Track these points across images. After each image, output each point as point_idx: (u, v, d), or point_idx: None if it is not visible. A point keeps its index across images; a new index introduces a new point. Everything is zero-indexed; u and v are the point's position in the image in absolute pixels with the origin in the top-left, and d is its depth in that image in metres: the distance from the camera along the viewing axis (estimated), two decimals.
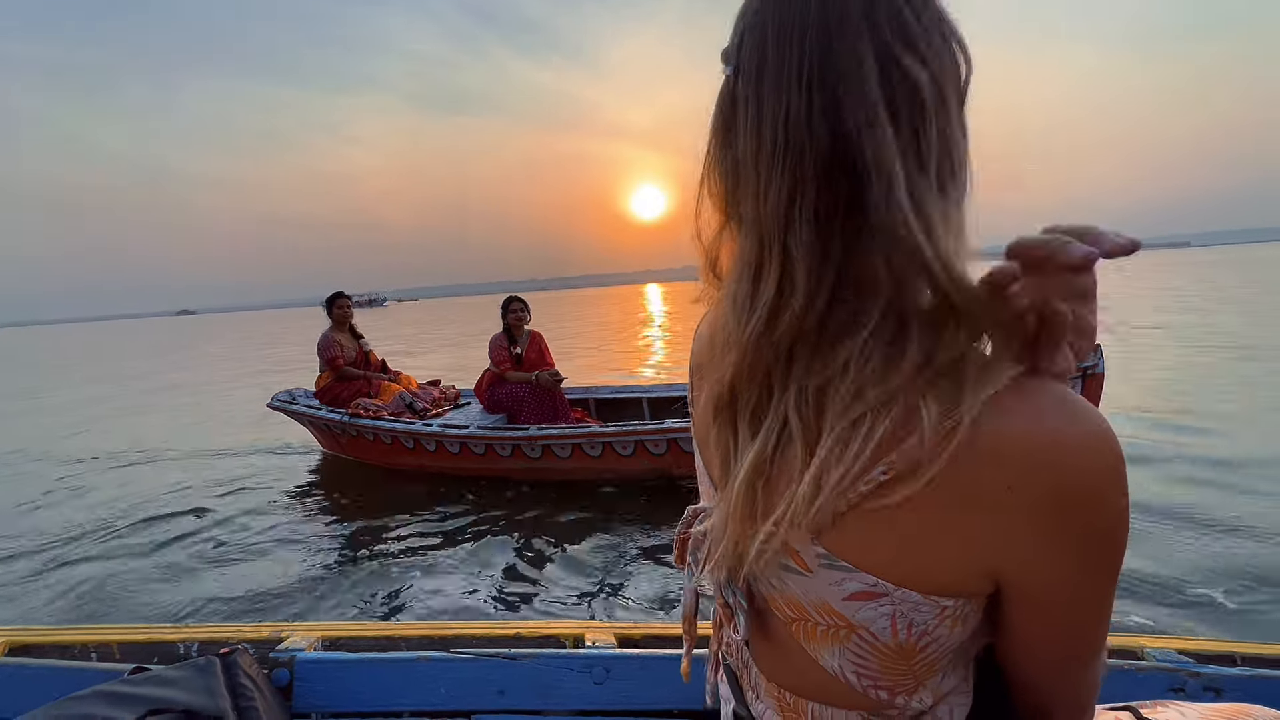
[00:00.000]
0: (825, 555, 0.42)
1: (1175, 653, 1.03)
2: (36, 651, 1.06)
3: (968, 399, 0.37)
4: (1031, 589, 0.40)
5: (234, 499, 4.65)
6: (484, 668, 1.02)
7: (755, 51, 0.40)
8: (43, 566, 3.62)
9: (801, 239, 0.38)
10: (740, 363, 0.42)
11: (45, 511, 4.70)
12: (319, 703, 1.00)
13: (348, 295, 5.10)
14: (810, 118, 0.37)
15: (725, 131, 0.43)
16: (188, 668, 0.93)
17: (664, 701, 1.00)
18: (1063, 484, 0.36)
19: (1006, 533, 0.37)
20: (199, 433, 7.31)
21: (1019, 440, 0.36)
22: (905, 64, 0.36)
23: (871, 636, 0.43)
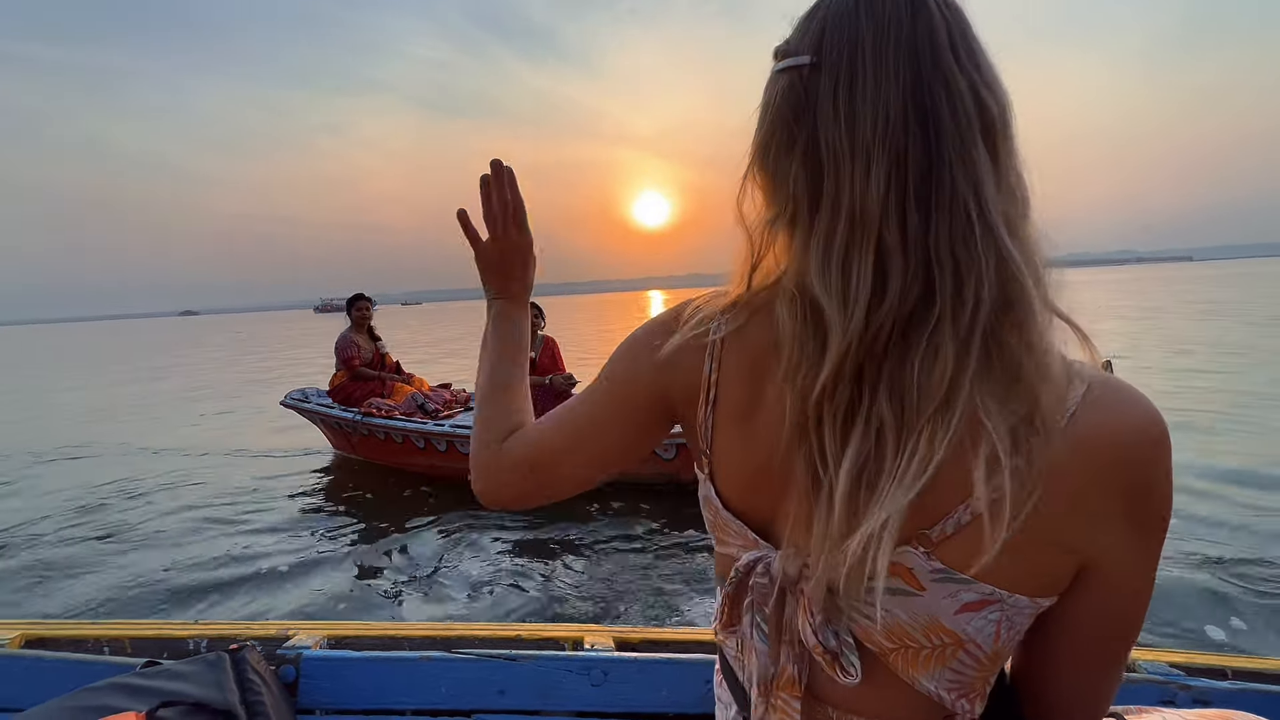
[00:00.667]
0: (942, 570, 0.42)
1: (1167, 665, 1.04)
2: (51, 644, 1.09)
3: (1069, 396, 0.40)
4: (1106, 574, 0.42)
5: (245, 497, 4.72)
6: (485, 668, 1.04)
7: (847, 48, 0.41)
8: (53, 559, 3.67)
9: (895, 231, 0.40)
10: (841, 359, 0.40)
11: (57, 504, 4.76)
12: (323, 700, 1.02)
13: (368, 297, 5.20)
14: (908, 122, 0.40)
15: (795, 121, 0.43)
16: (198, 663, 0.95)
17: (661, 705, 1.02)
18: (1145, 472, 0.39)
19: (1104, 519, 0.40)
20: (211, 431, 7.39)
21: (1113, 432, 0.39)
22: (983, 94, 0.40)
23: (977, 648, 0.43)
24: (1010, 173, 0.41)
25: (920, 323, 0.40)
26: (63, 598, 3.21)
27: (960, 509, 0.40)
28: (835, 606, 0.45)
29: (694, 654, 1.05)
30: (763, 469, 0.47)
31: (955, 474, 0.39)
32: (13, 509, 4.76)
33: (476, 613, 2.89)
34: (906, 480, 0.39)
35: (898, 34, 0.40)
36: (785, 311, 0.44)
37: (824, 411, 0.42)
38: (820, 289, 0.41)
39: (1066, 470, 0.39)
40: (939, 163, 0.39)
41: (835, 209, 0.41)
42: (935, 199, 0.39)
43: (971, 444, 0.39)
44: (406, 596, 3.07)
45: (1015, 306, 0.39)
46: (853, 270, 0.40)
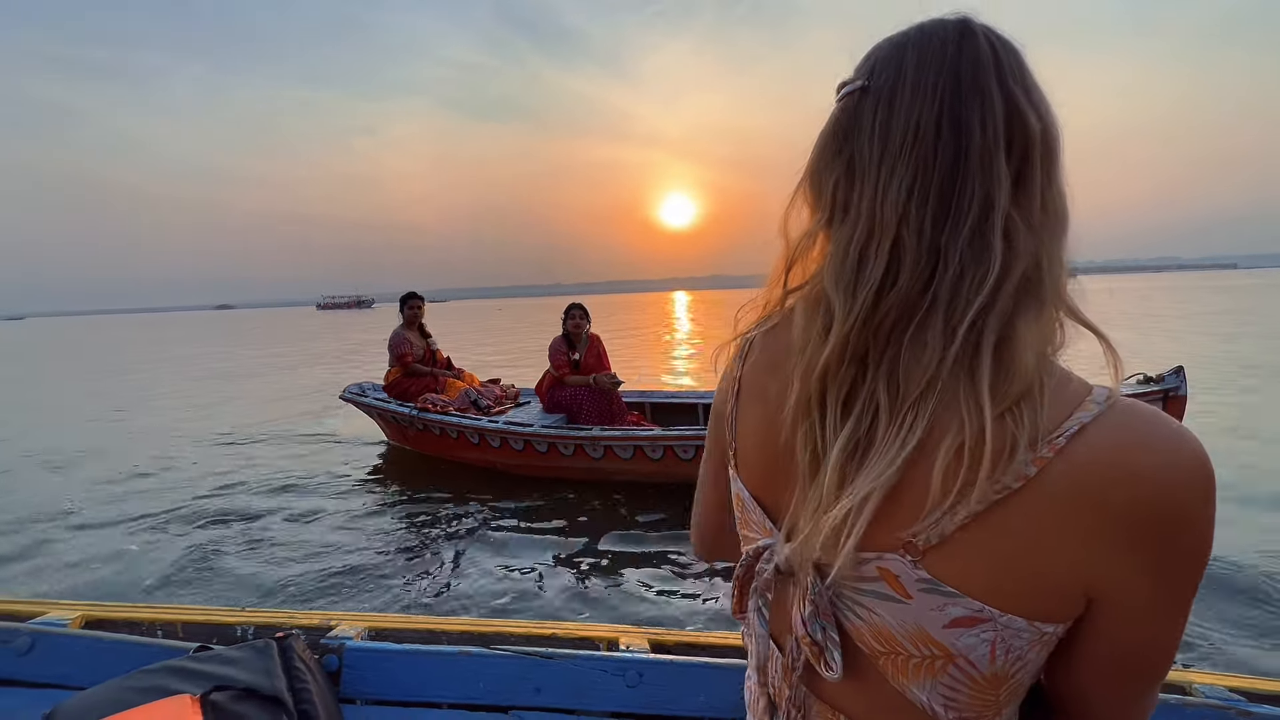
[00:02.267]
0: (928, 580, 0.41)
1: (1226, 690, 1.00)
2: (109, 626, 1.13)
3: (1075, 415, 0.39)
4: (1120, 609, 0.40)
5: (301, 485, 4.88)
6: (522, 665, 1.05)
7: (892, 71, 0.45)
8: (117, 542, 3.84)
9: (913, 230, 0.43)
10: (843, 340, 0.43)
11: (112, 490, 4.97)
12: (365, 689, 1.04)
13: (419, 295, 5.37)
14: (939, 130, 0.43)
15: (843, 139, 0.47)
16: (247, 649, 0.98)
17: (696, 709, 1.02)
18: (1166, 502, 0.37)
19: (1110, 551, 0.38)
20: (269, 420, 7.65)
21: (1125, 458, 0.37)
22: (1024, 109, 0.42)
23: (969, 665, 0.42)
24: (1043, 189, 0.42)
25: (917, 310, 0.42)
26: (120, 578, 3.36)
27: (941, 514, 0.40)
28: (827, 601, 0.46)
29: (731, 659, 1.04)
30: (774, 458, 0.50)
31: (930, 462, 0.40)
32: (73, 487, 5.01)
33: (522, 601, 2.93)
34: (888, 455, 0.41)
35: (940, 59, 0.43)
36: (800, 305, 0.49)
37: (827, 389, 0.44)
38: (830, 281, 0.45)
39: (1064, 492, 0.38)
40: (964, 172, 0.42)
41: (858, 213, 0.45)
42: (955, 204, 0.42)
43: (943, 436, 0.40)
44: (451, 586, 3.13)
45: (1019, 310, 0.40)
46: (867, 265, 0.44)
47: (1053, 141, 0.43)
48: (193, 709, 0.83)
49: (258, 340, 26.75)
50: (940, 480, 0.39)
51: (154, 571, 3.41)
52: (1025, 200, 0.42)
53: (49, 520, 4.23)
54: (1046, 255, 0.41)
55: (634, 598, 2.96)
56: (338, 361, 14.89)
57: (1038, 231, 0.42)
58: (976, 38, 0.43)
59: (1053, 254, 0.42)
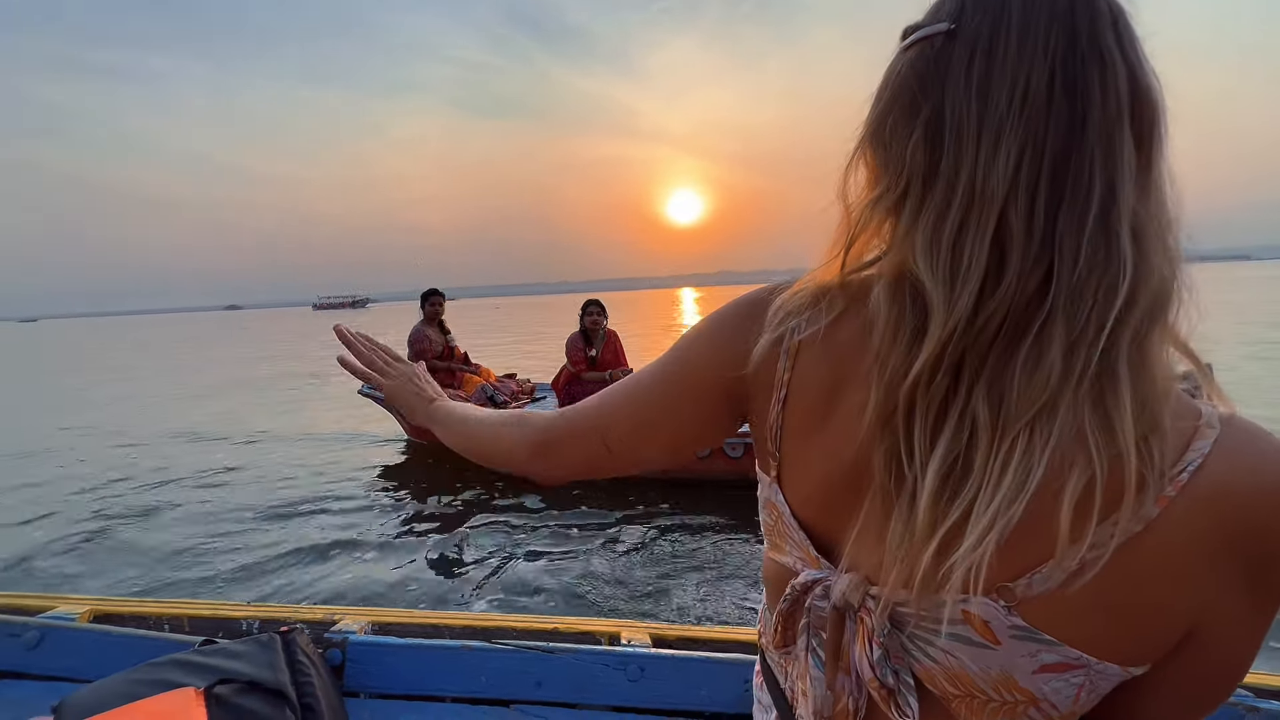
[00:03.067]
0: (1023, 628, 0.37)
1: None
2: (117, 620, 1.15)
3: (1196, 443, 0.35)
4: (1212, 640, 0.37)
5: (318, 482, 4.92)
6: (523, 660, 1.05)
7: (991, 14, 0.37)
8: (131, 537, 3.89)
9: (1021, 210, 0.35)
10: (944, 343, 0.36)
11: (130, 485, 5.04)
12: (368, 683, 1.05)
13: (440, 292, 5.42)
14: (1052, 94, 0.35)
15: (921, 91, 0.39)
16: (251, 643, 0.99)
17: (698, 703, 1.02)
18: (1275, 528, 0.34)
19: (1218, 588, 0.35)
20: (286, 416, 7.72)
21: (1246, 493, 0.34)
22: (1147, 80, 0.36)
23: (1051, 708, 0.39)
24: (1160, 178, 0.37)
25: (1032, 317, 0.36)
26: (130, 572, 3.41)
27: (1051, 564, 0.35)
28: (897, 642, 0.42)
29: (732, 654, 1.04)
30: (834, 479, 0.44)
31: (1049, 519, 0.34)
32: (87, 484, 5.07)
33: (516, 603, 2.94)
34: (1002, 491, 0.35)
35: (1051, 4, 0.36)
36: (883, 295, 0.40)
37: (916, 402, 0.38)
38: (925, 268, 0.37)
39: (1185, 534, 0.34)
40: (1080, 148, 0.35)
41: (952, 185, 0.37)
42: (1071, 185, 0.35)
43: (1069, 472, 0.34)
44: (450, 583, 3.14)
45: (1150, 322, 0.35)
46: (965, 249, 0.36)
47: (1165, 121, 0.37)
48: (197, 701, 0.84)
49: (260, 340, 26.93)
50: (1069, 524, 0.34)
51: (164, 564, 3.46)
52: (1152, 191, 0.36)
53: (71, 517, 4.29)
54: (1170, 258, 0.36)
55: (640, 593, 2.97)
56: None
57: (1161, 229, 0.36)
58: None
59: (1175, 256, 0.36)
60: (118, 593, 3.15)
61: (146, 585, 3.25)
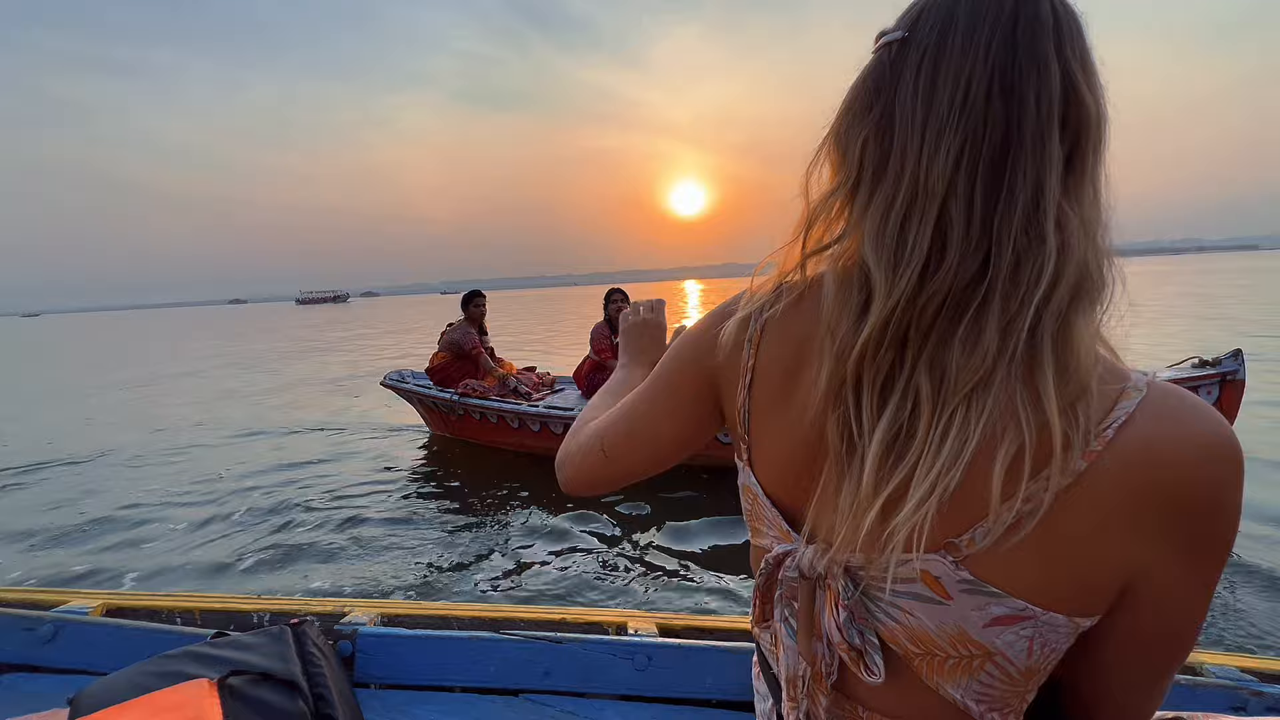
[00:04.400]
0: (971, 581, 0.40)
1: (1237, 670, 0.99)
2: (129, 614, 1.16)
3: (1120, 403, 0.38)
4: (1152, 595, 0.40)
5: (337, 475, 4.93)
6: (531, 650, 1.06)
7: (939, 23, 0.40)
8: (148, 531, 3.92)
9: (961, 202, 0.39)
10: (885, 320, 0.40)
11: (150, 474, 5.10)
12: (378, 674, 1.06)
13: (483, 294, 5.47)
14: (989, 96, 0.38)
15: (876, 93, 0.43)
16: (263, 635, 1.00)
17: (704, 691, 1.03)
18: (1204, 488, 0.36)
19: (1150, 539, 0.37)
20: (309, 409, 7.76)
21: (1170, 447, 0.36)
22: (1083, 91, 0.39)
23: (1007, 661, 0.42)
24: (1090, 180, 0.40)
25: (971, 298, 0.39)
26: (145, 565, 3.44)
27: (1002, 514, 0.38)
28: (862, 605, 0.44)
29: (739, 643, 1.05)
30: (797, 453, 0.47)
31: (987, 481, 0.38)
32: (109, 477, 5.12)
33: (524, 594, 2.96)
34: (941, 459, 0.38)
35: (996, 16, 0.39)
36: (833, 277, 0.44)
37: (863, 374, 0.41)
38: (871, 252, 0.41)
39: (1112, 485, 0.37)
40: (1016, 147, 0.38)
41: (898, 179, 0.40)
42: (1008, 180, 0.38)
43: (1002, 439, 0.37)
44: (458, 575, 3.17)
45: (1073, 304, 0.38)
46: (909, 237, 0.40)
47: (1104, 128, 0.40)
48: (210, 693, 0.85)
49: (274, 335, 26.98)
50: (1000, 485, 0.37)
51: (175, 556, 3.49)
52: (1075, 188, 0.39)
53: (93, 511, 4.33)
54: (1095, 249, 0.39)
55: (656, 584, 2.98)
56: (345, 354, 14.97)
57: (1088, 224, 0.39)
58: None
59: (1100, 248, 0.39)
60: (130, 586, 3.18)
61: (157, 578, 3.28)
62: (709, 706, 1.02)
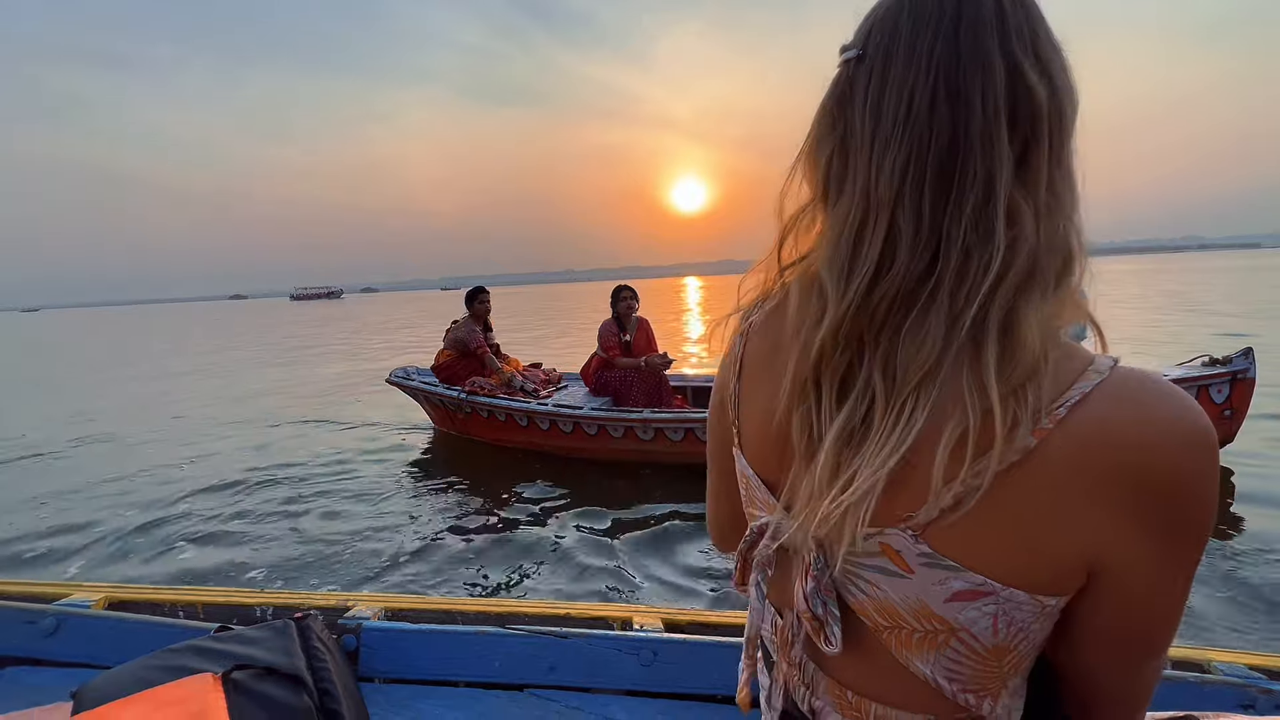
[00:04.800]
0: (929, 555, 0.41)
1: (1245, 668, 0.99)
2: (132, 607, 1.16)
3: (1076, 385, 0.38)
4: (1121, 579, 0.40)
5: (340, 466, 4.94)
6: (536, 645, 1.06)
7: (885, 37, 0.42)
8: (150, 525, 3.92)
9: (909, 212, 0.40)
10: (836, 327, 0.42)
11: (147, 470, 5.08)
12: (383, 668, 1.06)
13: (486, 290, 5.48)
14: (934, 104, 0.40)
15: (838, 110, 0.45)
16: (267, 629, 1.00)
17: (709, 686, 1.02)
18: (1165, 471, 0.36)
19: (1109, 521, 0.37)
20: (316, 403, 7.75)
21: (1125, 427, 0.37)
22: (1030, 79, 0.39)
23: (972, 638, 0.42)
24: (1050, 167, 0.40)
25: (918, 294, 0.40)
26: (147, 558, 3.43)
27: (944, 492, 0.39)
28: (828, 576, 0.46)
29: (744, 637, 1.05)
30: (775, 441, 0.50)
31: (933, 450, 0.39)
32: (113, 471, 5.10)
33: (529, 589, 2.96)
34: (889, 445, 0.40)
35: (937, 22, 0.40)
36: (796, 287, 0.48)
37: (822, 375, 0.44)
38: (824, 265, 0.44)
39: (1064, 462, 0.37)
40: (965, 146, 0.39)
41: (851, 195, 0.43)
42: (956, 182, 0.39)
43: (947, 423, 0.39)
44: (463, 570, 3.16)
45: (1021, 292, 0.39)
46: (862, 247, 0.42)
47: (1063, 112, 0.40)
48: (215, 687, 0.85)
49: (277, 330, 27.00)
50: (943, 469, 0.38)
51: (179, 549, 3.48)
52: (1030, 179, 0.40)
53: (93, 503, 4.33)
54: (1049, 239, 0.39)
55: (662, 579, 2.97)
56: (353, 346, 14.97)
57: (1043, 214, 0.39)
58: None
59: (1058, 237, 0.40)
60: (133, 579, 3.18)
61: (160, 571, 3.29)
62: (714, 701, 1.02)
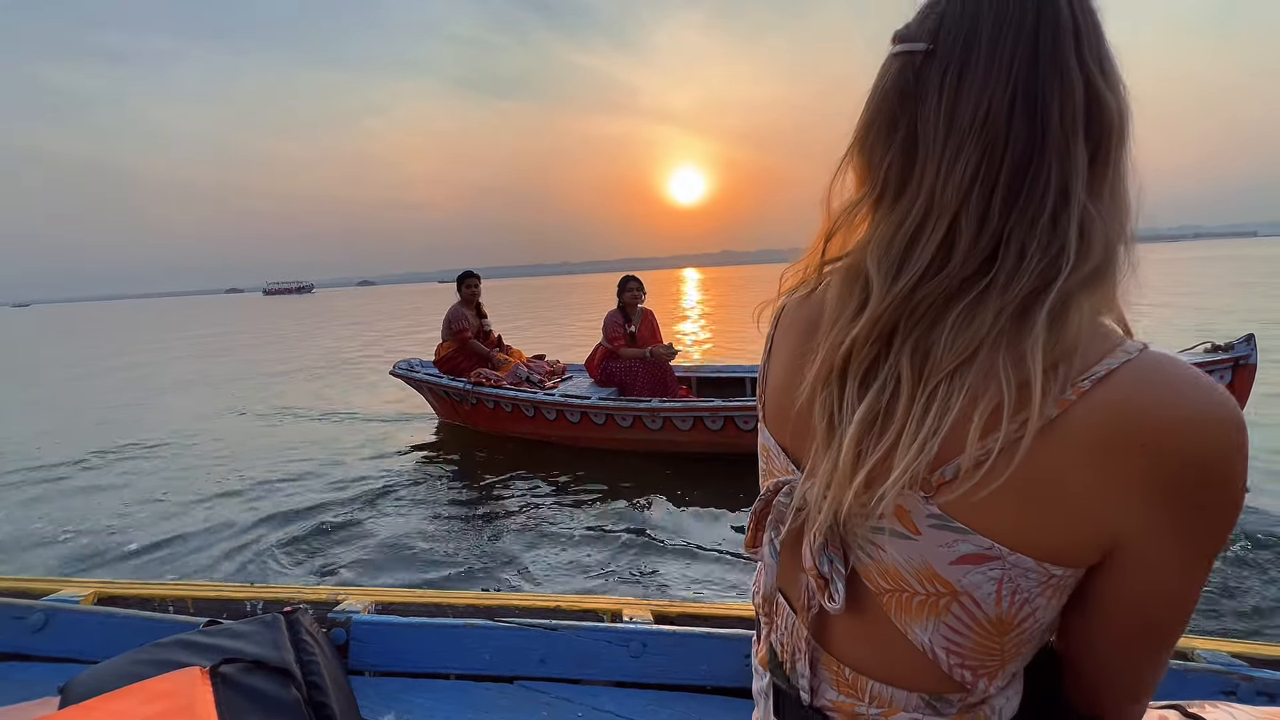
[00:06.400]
0: (938, 515, 0.41)
1: (1228, 655, 1.00)
2: (121, 602, 1.15)
3: (1103, 360, 0.38)
4: (1137, 560, 0.40)
5: (340, 458, 4.94)
6: (526, 637, 1.06)
7: (963, 38, 0.41)
8: (139, 519, 3.90)
9: (972, 217, 0.40)
10: (874, 321, 0.43)
11: (144, 464, 5.06)
12: (373, 662, 1.06)
13: (476, 275, 5.43)
14: (1012, 113, 0.40)
15: (901, 107, 0.44)
16: (256, 623, 1.00)
17: (699, 678, 1.03)
18: (1190, 455, 0.36)
19: (1128, 499, 0.37)
20: (320, 395, 7.75)
21: (1148, 406, 0.37)
22: (1104, 94, 0.40)
23: (974, 604, 0.42)
24: (1115, 178, 0.41)
25: (968, 291, 0.41)
26: (136, 552, 3.42)
27: (961, 456, 0.40)
28: (838, 536, 0.46)
29: (733, 629, 1.05)
30: (797, 416, 0.50)
31: (966, 424, 0.40)
32: (122, 464, 5.09)
33: (519, 582, 2.96)
34: (923, 432, 0.40)
35: (1019, 25, 0.40)
36: (837, 279, 0.48)
37: (849, 365, 0.44)
38: (874, 261, 0.44)
39: (1083, 434, 0.37)
40: (1039, 157, 0.39)
41: (915, 197, 0.42)
42: (1026, 190, 0.40)
43: (981, 398, 0.39)
44: (454, 563, 3.16)
45: (1082, 290, 0.39)
46: (915, 248, 0.42)
47: (1126, 124, 0.41)
48: (203, 680, 0.85)
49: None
50: (978, 433, 0.39)
51: (169, 544, 3.47)
52: (1097, 188, 0.40)
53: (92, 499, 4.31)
54: (1112, 244, 0.40)
55: (652, 570, 2.98)
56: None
57: (1107, 221, 0.40)
58: (1058, 1, 0.40)
59: (1118, 242, 0.41)
60: (121, 575, 3.17)
61: (149, 565, 3.28)
62: (703, 692, 1.03)
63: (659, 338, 4.98)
